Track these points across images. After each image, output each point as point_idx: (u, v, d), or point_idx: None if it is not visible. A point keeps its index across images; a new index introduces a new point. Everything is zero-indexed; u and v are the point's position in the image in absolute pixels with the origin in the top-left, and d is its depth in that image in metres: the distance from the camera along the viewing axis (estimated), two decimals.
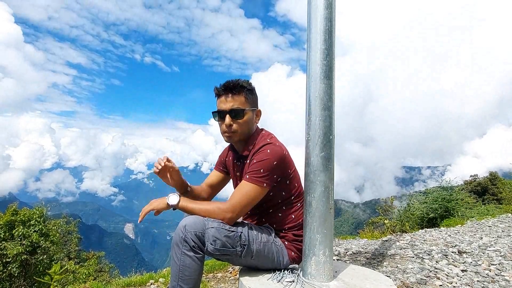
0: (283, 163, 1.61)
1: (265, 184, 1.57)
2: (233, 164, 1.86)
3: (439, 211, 5.35)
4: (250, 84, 1.71)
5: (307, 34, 1.62)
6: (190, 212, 1.58)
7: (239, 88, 1.65)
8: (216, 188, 1.99)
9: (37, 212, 7.90)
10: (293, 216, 1.73)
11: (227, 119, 1.65)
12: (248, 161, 1.68)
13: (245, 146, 1.73)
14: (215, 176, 1.98)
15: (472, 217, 5.18)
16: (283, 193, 1.69)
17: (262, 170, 1.55)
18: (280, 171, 1.61)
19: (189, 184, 1.91)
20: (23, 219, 7.61)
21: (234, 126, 1.66)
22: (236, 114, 1.64)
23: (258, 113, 1.77)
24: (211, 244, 1.46)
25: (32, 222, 7.62)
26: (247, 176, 1.58)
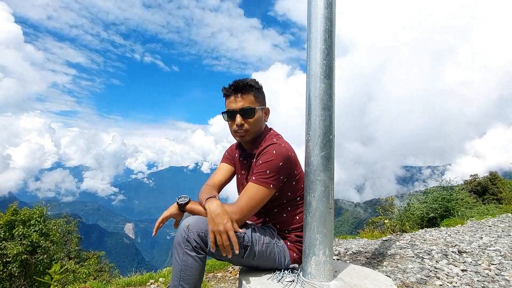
0: (289, 163, 1.60)
1: (271, 185, 1.55)
2: (239, 162, 1.85)
3: (439, 210, 5.35)
4: (257, 83, 1.71)
5: (307, 34, 1.61)
6: (199, 214, 1.58)
7: (248, 87, 1.66)
8: (225, 184, 1.92)
9: (37, 211, 7.89)
10: (297, 218, 1.72)
11: (238, 118, 1.65)
12: (254, 160, 1.67)
13: (254, 144, 1.72)
14: (226, 170, 1.90)
15: (472, 217, 5.18)
16: (289, 194, 1.68)
17: (268, 171, 1.54)
18: (286, 172, 1.60)
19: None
20: (23, 218, 7.59)
21: (246, 125, 1.66)
22: (246, 113, 1.65)
23: (266, 111, 1.78)
24: None
25: (32, 222, 7.61)
26: (254, 178, 1.56)
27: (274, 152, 1.56)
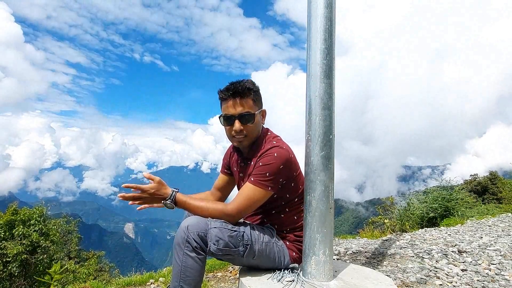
0: (289, 166, 1.60)
1: (270, 188, 1.56)
2: (237, 165, 1.83)
3: (439, 210, 5.34)
4: (255, 85, 1.66)
5: (307, 33, 1.61)
6: (192, 211, 1.58)
7: (247, 91, 1.60)
8: (224, 190, 1.98)
9: (37, 211, 7.90)
10: (295, 218, 1.73)
11: (237, 124, 1.60)
12: (252, 163, 1.65)
13: (251, 148, 1.70)
14: (221, 179, 1.97)
15: (472, 217, 5.18)
16: (287, 195, 1.69)
17: (268, 174, 1.55)
18: (285, 174, 1.60)
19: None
20: (23, 218, 7.60)
21: (245, 131, 1.62)
22: (245, 118, 1.60)
23: (263, 114, 1.74)
24: (214, 244, 1.46)
25: (32, 222, 7.62)
26: (252, 179, 1.56)
27: (275, 155, 1.56)
